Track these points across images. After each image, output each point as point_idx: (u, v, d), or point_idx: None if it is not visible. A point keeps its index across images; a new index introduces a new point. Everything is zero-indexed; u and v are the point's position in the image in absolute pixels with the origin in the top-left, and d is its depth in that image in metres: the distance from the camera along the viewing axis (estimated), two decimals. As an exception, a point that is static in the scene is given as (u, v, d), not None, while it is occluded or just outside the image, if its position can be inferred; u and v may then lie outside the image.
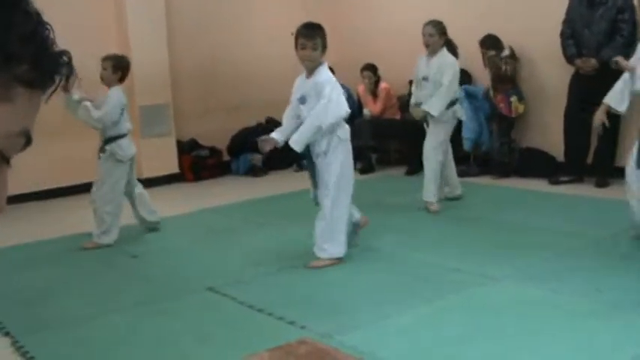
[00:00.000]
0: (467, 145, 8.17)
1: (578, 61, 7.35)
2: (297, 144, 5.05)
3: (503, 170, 8.09)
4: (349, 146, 5.22)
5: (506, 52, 8.09)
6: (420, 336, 3.85)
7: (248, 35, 9.95)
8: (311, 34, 5.14)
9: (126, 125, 6.15)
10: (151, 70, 8.57)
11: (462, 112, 6.84)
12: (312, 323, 4.05)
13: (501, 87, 8.05)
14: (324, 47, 5.16)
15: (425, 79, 6.67)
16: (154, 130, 8.76)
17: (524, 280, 4.65)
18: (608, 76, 6.24)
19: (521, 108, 8.11)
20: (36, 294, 4.98)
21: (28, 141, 0.88)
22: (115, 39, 8.66)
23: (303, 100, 5.15)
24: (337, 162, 5.12)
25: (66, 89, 2.57)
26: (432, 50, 6.66)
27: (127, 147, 6.13)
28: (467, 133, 8.12)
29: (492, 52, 8.04)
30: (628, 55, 7.03)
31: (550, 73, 8.06)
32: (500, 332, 3.83)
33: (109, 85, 6.07)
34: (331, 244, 5.17)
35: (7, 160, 0.87)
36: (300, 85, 5.23)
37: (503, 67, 8.01)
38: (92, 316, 4.45)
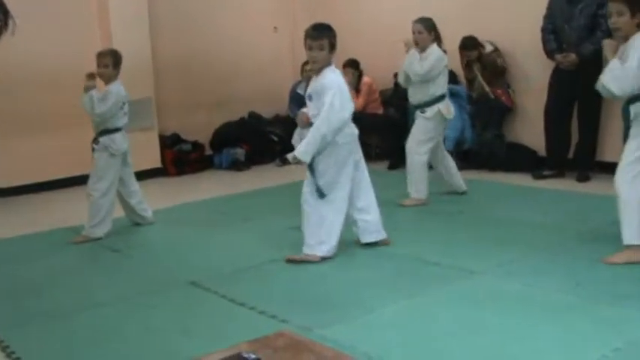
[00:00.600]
0: (448, 145, 8.18)
1: (558, 56, 7.38)
2: (303, 154, 5.00)
3: (491, 163, 8.12)
4: (349, 148, 5.17)
5: (490, 48, 8.14)
6: (401, 330, 3.86)
7: (232, 29, 9.94)
8: (317, 35, 5.10)
9: (122, 119, 6.16)
10: (134, 63, 8.52)
11: (449, 110, 6.78)
12: (293, 317, 4.06)
13: (497, 81, 8.13)
14: (332, 48, 5.12)
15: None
16: (136, 124, 8.74)
17: (504, 275, 4.68)
18: (588, 71, 6.28)
19: (517, 99, 8.20)
20: (19, 288, 4.97)
21: None
22: (97, 32, 8.64)
23: (310, 97, 5.16)
24: (328, 165, 5.11)
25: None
26: (421, 47, 6.67)
27: (120, 141, 6.14)
28: (449, 132, 8.14)
29: (488, 49, 8.11)
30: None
31: (531, 69, 8.10)
32: (480, 326, 3.85)
33: (109, 81, 6.07)
34: (319, 242, 5.15)
35: None
36: (311, 83, 5.24)
37: (499, 60, 8.09)
38: (75, 311, 4.44)
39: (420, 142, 6.72)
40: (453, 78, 8.31)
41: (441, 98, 6.72)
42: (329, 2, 10.26)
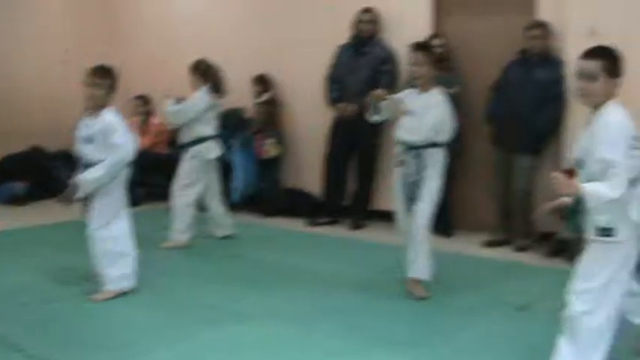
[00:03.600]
0: (235, 196, 8.22)
1: (340, 106, 7.65)
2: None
3: (270, 209, 8.25)
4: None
5: (264, 97, 8.29)
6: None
7: (15, 60, 9.58)
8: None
9: None
10: None
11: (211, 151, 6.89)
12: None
13: (265, 129, 8.28)
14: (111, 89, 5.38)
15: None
16: None
17: (279, 319, 4.80)
18: (367, 122, 6.52)
19: (273, 150, 8.34)
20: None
21: None
22: None
23: (90, 139, 5.21)
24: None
25: None
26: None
27: None
28: (237, 183, 8.28)
29: (259, 99, 8.23)
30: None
31: (311, 116, 8.34)
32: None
33: None
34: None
35: None
36: (88, 122, 5.35)
37: (269, 109, 8.28)
38: None
39: (184, 185, 6.87)
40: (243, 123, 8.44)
41: (205, 139, 6.84)
42: (123, 30, 10.22)
